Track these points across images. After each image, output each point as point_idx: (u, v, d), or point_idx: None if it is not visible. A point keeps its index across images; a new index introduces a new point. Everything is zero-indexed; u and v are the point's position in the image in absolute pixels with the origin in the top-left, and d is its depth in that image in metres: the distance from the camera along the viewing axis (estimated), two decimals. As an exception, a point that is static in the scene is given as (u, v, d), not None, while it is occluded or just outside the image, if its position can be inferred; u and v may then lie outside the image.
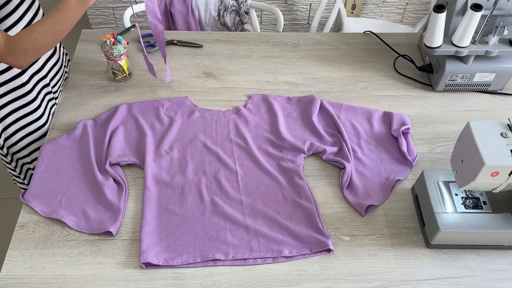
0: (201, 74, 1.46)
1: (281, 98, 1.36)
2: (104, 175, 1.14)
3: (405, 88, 1.43)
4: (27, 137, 1.29)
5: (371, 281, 1.00)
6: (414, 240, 1.07)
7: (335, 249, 1.04)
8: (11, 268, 0.99)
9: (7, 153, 1.33)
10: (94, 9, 2.47)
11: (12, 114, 1.23)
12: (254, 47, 1.56)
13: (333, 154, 1.22)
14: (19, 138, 1.28)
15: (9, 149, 1.31)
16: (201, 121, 1.29)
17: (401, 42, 1.59)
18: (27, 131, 1.28)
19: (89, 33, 1.58)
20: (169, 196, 1.12)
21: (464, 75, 1.36)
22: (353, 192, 1.14)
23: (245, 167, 1.19)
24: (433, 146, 1.27)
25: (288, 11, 2.51)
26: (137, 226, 1.07)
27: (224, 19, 1.93)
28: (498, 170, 0.89)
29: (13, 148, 1.30)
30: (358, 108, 1.33)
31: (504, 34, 1.31)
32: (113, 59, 1.33)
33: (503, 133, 0.92)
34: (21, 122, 1.26)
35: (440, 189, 1.05)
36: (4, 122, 1.23)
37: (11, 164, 1.37)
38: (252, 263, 1.02)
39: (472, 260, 1.03)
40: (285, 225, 1.07)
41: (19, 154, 1.33)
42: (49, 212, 1.08)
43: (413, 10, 2.53)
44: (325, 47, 1.57)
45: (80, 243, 1.04)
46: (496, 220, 1.00)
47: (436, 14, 1.21)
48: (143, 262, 0.99)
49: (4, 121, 1.23)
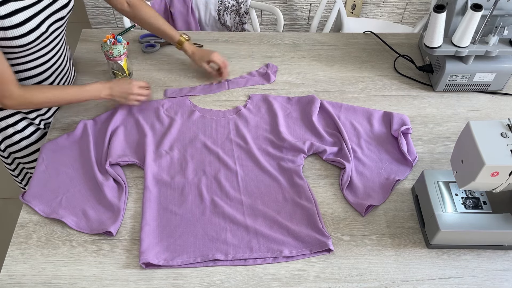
0: (202, 74, 1.46)
1: (281, 98, 1.36)
2: (104, 175, 1.14)
3: (405, 88, 1.43)
4: (26, 139, 1.29)
5: (371, 281, 1.00)
6: (414, 240, 1.07)
7: (335, 249, 1.04)
8: (11, 268, 0.99)
9: (8, 155, 1.33)
10: (94, 9, 2.47)
11: (13, 116, 1.23)
12: (254, 47, 1.56)
13: (333, 154, 1.22)
14: (17, 140, 1.28)
15: (7, 148, 1.30)
16: (201, 121, 1.29)
17: (401, 42, 1.59)
18: (26, 133, 1.28)
19: (89, 33, 1.58)
20: (169, 196, 1.12)
21: (464, 75, 1.36)
22: (353, 192, 1.14)
23: (245, 167, 1.19)
24: (433, 146, 1.27)
25: (288, 11, 2.51)
26: (137, 226, 1.07)
27: (224, 19, 1.93)
28: (498, 170, 0.88)
29: (12, 148, 1.30)
30: (358, 108, 1.33)
31: (504, 34, 1.31)
32: (113, 59, 1.33)
33: (503, 133, 0.92)
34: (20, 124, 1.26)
35: (440, 189, 1.05)
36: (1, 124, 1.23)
37: (11, 165, 1.37)
38: (252, 263, 1.02)
39: (472, 260, 1.03)
40: (285, 225, 1.07)
41: (18, 154, 1.32)
42: (49, 212, 1.08)
43: (413, 10, 2.53)
44: (325, 47, 1.57)
45: (80, 243, 1.04)
46: (496, 220, 1.00)
47: (436, 14, 1.21)
48: (143, 262, 0.99)
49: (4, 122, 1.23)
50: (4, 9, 0.98)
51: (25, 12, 1.03)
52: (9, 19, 1.00)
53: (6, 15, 0.99)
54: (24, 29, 1.03)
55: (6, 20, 0.99)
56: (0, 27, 0.99)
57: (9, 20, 1.00)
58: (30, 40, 1.06)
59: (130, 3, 1.35)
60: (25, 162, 1.36)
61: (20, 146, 1.29)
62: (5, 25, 1.00)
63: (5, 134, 1.26)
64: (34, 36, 1.06)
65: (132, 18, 1.38)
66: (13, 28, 1.01)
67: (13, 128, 1.25)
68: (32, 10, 1.05)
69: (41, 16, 1.08)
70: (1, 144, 1.28)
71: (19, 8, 1.01)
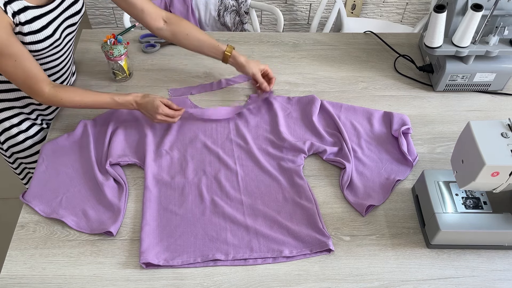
0: (201, 74, 1.46)
1: (281, 98, 1.36)
2: (104, 175, 1.14)
3: (405, 88, 1.43)
4: (29, 139, 1.29)
5: (372, 281, 1.00)
6: (415, 240, 1.07)
7: (336, 249, 1.04)
8: (11, 268, 0.99)
9: (11, 155, 1.33)
10: (94, 9, 2.47)
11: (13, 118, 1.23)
12: (254, 47, 1.56)
13: (333, 154, 1.22)
14: (21, 140, 1.28)
15: (10, 148, 1.31)
16: (201, 121, 1.29)
17: (401, 42, 1.59)
18: (31, 133, 1.28)
19: (89, 33, 1.58)
20: (169, 196, 1.12)
21: (465, 75, 1.36)
22: (353, 192, 1.14)
23: (245, 167, 1.19)
24: (433, 146, 1.27)
25: (288, 11, 2.51)
26: (137, 226, 1.07)
27: (224, 19, 1.93)
28: (499, 170, 0.88)
29: (15, 148, 1.30)
30: (358, 108, 1.33)
31: (504, 34, 1.31)
32: (114, 59, 1.33)
33: (503, 133, 0.92)
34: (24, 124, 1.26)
35: (440, 189, 1.05)
36: (5, 124, 1.23)
37: (13, 164, 1.37)
38: (253, 263, 1.02)
39: (473, 260, 1.03)
40: (286, 225, 1.07)
41: (20, 154, 1.33)
42: (49, 212, 1.08)
43: (413, 10, 2.53)
44: (325, 47, 1.57)
45: (80, 243, 1.04)
46: (497, 220, 1.00)
47: (436, 14, 1.21)
48: (144, 262, 0.99)
49: (5, 123, 1.23)
50: (25, 16, 1.01)
51: (42, 20, 1.06)
52: (28, 25, 1.03)
53: (26, 22, 1.02)
54: (41, 36, 1.06)
55: (26, 27, 1.02)
56: (19, 32, 1.02)
57: (29, 26, 1.03)
58: (45, 46, 1.09)
59: (167, 20, 1.25)
60: (27, 162, 1.37)
61: (24, 146, 1.30)
62: (24, 31, 1.03)
63: (9, 134, 1.26)
64: (49, 42, 1.09)
65: (171, 35, 1.27)
66: (31, 34, 1.04)
67: (17, 128, 1.25)
68: (48, 17, 1.07)
69: (56, 23, 1.10)
70: (4, 144, 1.28)
71: (38, 15, 1.05)
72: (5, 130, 1.24)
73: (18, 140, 1.27)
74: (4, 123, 1.23)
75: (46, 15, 1.07)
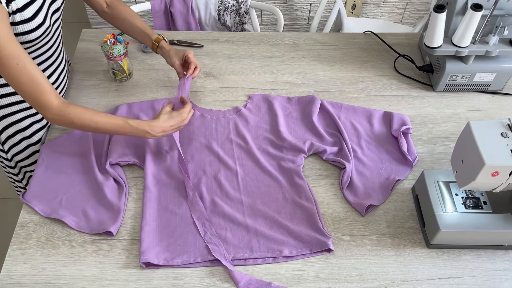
0: (201, 74, 1.46)
1: (281, 98, 1.36)
2: (104, 175, 1.14)
3: (405, 88, 1.43)
4: (27, 139, 1.29)
5: (371, 281, 1.00)
6: (414, 240, 1.07)
7: (335, 249, 1.04)
8: (11, 268, 0.99)
9: (11, 158, 1.33)
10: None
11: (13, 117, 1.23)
12: (254, 47, 1.56)
13: (333, 154, 1.22)
14: (19, 140, 1.28)
15: (10, 150, 1.30)
16: (201, 121, 1.29)
17: (401, 42, 1.59)
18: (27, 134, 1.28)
19: (89, 33, 1.58)
20: (169, 196, 1.12)
21: (464, 75, 1.36)
22: (353, 192, 1.14)
23: (245, 167, 1.19)
24: (433, 146, 1.27)
25: (288, 11, 2.51)
26: (137, 226, 1.07)
27: (224, 19, 1.93)
28: (498, 170, 0.89)
29: (14, 149, 1.30)
30: (358, 108, 1.33)
31: (504, 34, 1.31)
32: (113, 59, 1.33)
33: (503, 133, 0.92)
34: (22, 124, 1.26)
35: (440, 189, 1.05)
36: (4, 122, 1.23)
37: (14, 169, 1.37)
38: (252, 263, 1.02)
39: (472, 260, 1.03)
40: (285, 225, 1.07)
41: (19, 156, 1.32)
42: (49, 212, 1.08)
43: (413, 10, 2.53)
44: (325, 47, 1.57)
45: (80, 243, 1.04)
46: (497, 220, 1.00)
47: (436, 14, 1.21)
48: (143, 262, 0.99)
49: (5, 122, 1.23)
50: (16, 4, 0.97)
51: (33, 6, 1.01)
52: (20, 13, 0.98)
53: (17, 10, 0.97)
54: (33, 24, 1.02)
55: (18, 15, 0.98)
56: (12, 23, 0.97)
57: (20, 15, 0.98)
58: (38, 35, 1.05)
59: (109, 3, 1.31)
60: (26, 165, 1.36)
61: (21, 147, 1.29)
62: (16, 20, 0.98)
63: (12, 142, 1.25)
64: (41, 31, 1.05)
65: (110, 19, 1.32)
66: (23, 23, 1.00)
67: (20, 130, 1.25)
68: (37, 4, 1.03)
69: (44, 9, 1.06)
70: (5, 144, 1.28)
71: (28, 1, 1.00)
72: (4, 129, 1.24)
73: (17, 140, 1.27)
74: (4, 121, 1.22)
75: (35, 1, 1.02)
